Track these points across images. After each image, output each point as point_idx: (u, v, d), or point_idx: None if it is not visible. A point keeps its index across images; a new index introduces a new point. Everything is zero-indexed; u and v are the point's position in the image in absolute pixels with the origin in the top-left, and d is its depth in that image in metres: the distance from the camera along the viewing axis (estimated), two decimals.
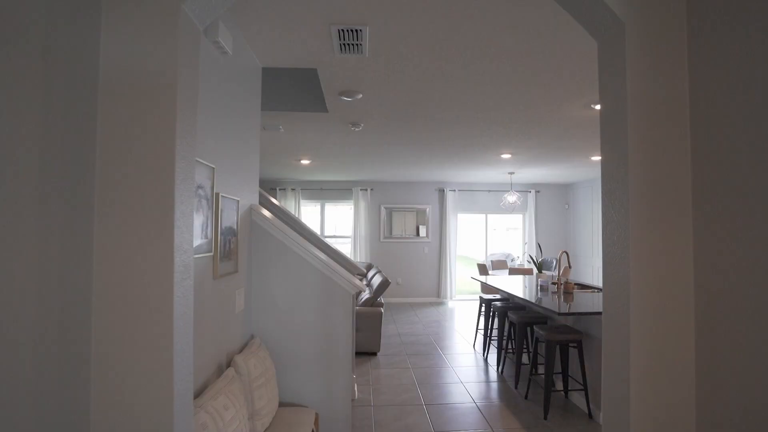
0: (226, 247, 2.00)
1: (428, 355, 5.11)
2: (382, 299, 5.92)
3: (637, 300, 1.18)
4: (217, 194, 1.86)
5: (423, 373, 4.44)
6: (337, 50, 2.52)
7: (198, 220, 1.64)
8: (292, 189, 9.01)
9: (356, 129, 4.37)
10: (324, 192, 9.13)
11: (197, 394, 1.63)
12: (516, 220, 9.88)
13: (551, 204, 9.46)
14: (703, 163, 1.17)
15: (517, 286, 4.85)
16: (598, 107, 3.82)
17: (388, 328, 6.44)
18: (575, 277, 8.57)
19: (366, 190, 9.01)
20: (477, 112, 3.85)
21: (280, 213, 3.85)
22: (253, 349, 2.20)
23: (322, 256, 2.60)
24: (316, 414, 2.47)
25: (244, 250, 2.36)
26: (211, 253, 1.81)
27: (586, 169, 7.22)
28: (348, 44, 2.44)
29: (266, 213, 2.60)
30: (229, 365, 2.01)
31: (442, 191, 9.17)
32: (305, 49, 2.55)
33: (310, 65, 2.79)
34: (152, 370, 1.12)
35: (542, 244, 9.31)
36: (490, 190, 9.27)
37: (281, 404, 2.46)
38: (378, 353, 5.11)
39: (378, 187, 9.13)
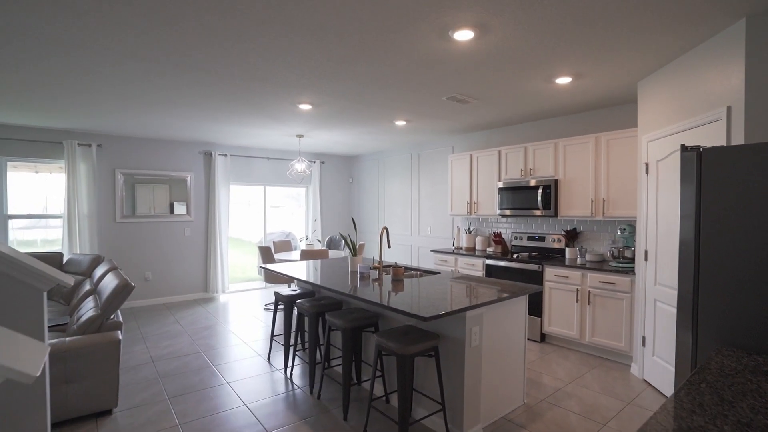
0: None
1: (206, 390, 3.41)
2: (119, 314, 3.79)
3: None
4: None
5: (202, 430, 2.78)
6: None
7: None
8: None
9: None
10: (7, 143, 5.65)
11: None
12: (280, 197, 8.68)
13: (335, 177, 8.74)
14: None
15: (327, 277, 3.69)
16: (458, 36, 2.75)
17: (133, 353, 4.25)
18: (367, 254, 8.14)
19: (89, 146, 6.05)
20: (298, 11, 2.40)
21: None
22: None
23: None
24: None
25: None
26: None
27: (377, 138, 6.66)
28: None
29: None
30: None
31: (209, 155, 7.10)
32: None
33: None
34: None
35: (326, 220, 8.52)
36: (270, 158, 7.78)
37: None
38: (114, 410, 3.07)
39: (110, 143, 6.29)
